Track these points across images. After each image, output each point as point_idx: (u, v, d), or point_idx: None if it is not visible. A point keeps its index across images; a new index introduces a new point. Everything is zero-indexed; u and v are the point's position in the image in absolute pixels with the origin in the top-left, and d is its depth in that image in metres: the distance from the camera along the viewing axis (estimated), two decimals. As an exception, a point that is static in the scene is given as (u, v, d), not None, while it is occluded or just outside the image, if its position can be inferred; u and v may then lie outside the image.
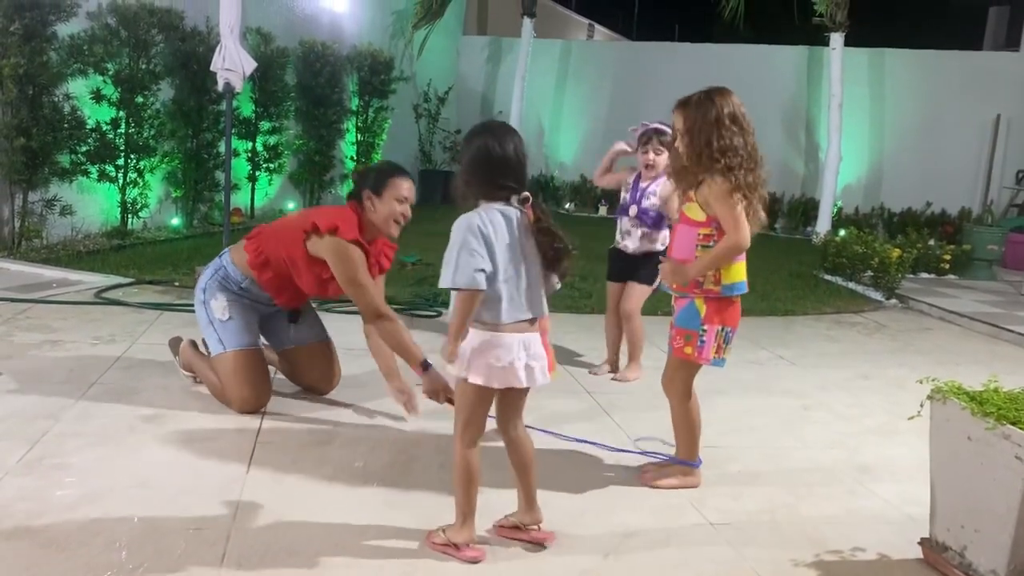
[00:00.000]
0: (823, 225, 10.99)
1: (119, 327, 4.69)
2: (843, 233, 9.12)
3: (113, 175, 7.41)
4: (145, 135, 7.61)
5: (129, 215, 7.64)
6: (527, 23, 12.37)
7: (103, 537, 2.40)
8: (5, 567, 2.22)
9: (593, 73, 13.91)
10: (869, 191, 12.49)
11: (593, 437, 3.49)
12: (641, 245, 4.35)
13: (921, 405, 2.57)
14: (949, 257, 8.80)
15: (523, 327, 2.40)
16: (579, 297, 6.25)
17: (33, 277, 5.80)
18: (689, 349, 2.94)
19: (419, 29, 12.24)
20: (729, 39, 14.62)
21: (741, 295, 2.97)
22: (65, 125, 6.82)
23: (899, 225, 11.42)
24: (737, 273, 2.93)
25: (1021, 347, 5.89)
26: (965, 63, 12.23)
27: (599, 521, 2.75)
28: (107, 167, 7.33)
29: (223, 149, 8.21)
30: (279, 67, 9.30)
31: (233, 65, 5.66)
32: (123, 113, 7.38)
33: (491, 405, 2.48)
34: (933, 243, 9.09)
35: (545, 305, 2.49)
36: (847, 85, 11.17)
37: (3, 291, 5.27)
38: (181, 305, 5.17)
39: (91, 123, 7.13)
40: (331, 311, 5.39)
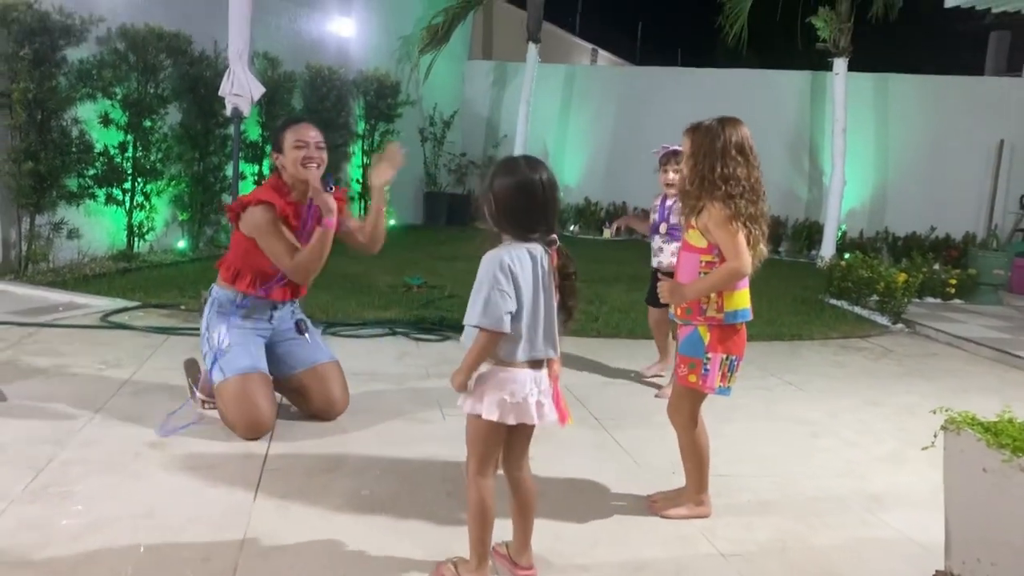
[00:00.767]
0: (827, 249, 10.99)
1: (126, 351, 4.68)
2: (848, 257, 9.11)
3: (120, 198, 7.44)
4: (152, 159, 7.66)
5: (136, 238, 7.67)
6: (532, 48, 12.45)
7: (108, 567, 2.38)
8: (11, 599, 2.21)
9: (597, 97, 13.98)
10: (873, 215, 12.51)
11: (600, 463, 3.46)
12: (672, 260, 4.42)
13: (935, 435, 2.54)
14: (955, 282, 8.78)
15: (536, 364, 2.38)
16: (585, 321, 6.24)
17: (39, 300, 5.80)
18: (693, 377, 2.92)
19: (425, 54, 12.33)
20: (732, 64, 14.72)
21: (746, 323, 2.95)
22: (73, 149, 6.86)
23: (903, 249, 11.42)
24: (740, 300, 2.91)
25: (1030, 373, 5.86)
26: (968, 88, 12.29)
27: (610, 552, 2.72)
28: (114, 190, 7.37)
29: (230, 172, 8.26)
30: (286, 91, 9.37)
31: (241, 90, 5.70)
32: (131, 137, 7.43)
33: (503, 439, 2.43)
34: (938, 267, 9.08)
35: (559, 346, 2.45)
36: (851, 110, 11.21)
37: (10, 315, 5.27)
38: (187, 329, 5.16)
39: (99, 147, 7.18)
40: (337, 335, 5.39)
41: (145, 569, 2.38)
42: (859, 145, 11.98)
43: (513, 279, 2.30)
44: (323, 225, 3.50)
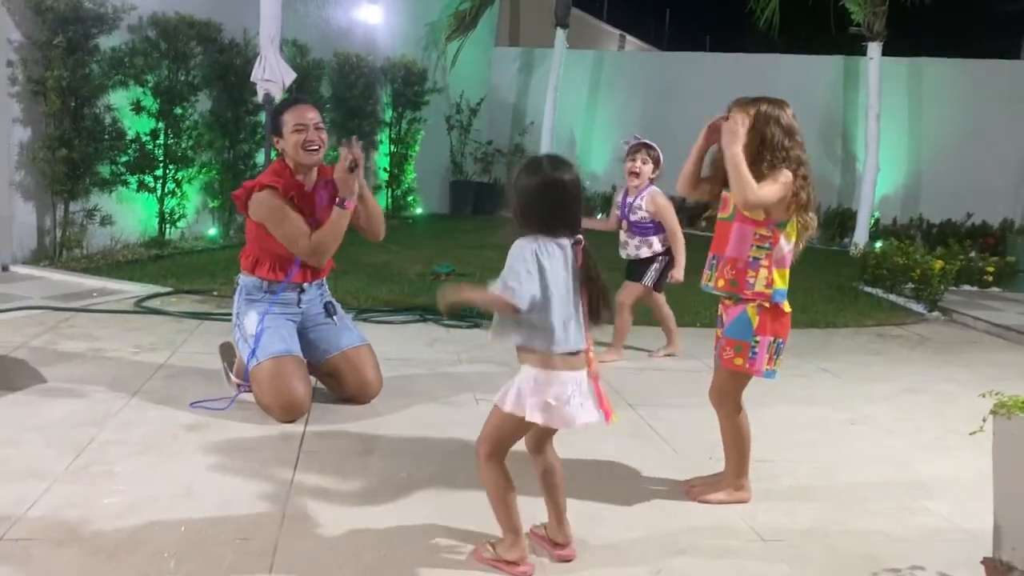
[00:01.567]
0: (860, 236, 10.84)
1: (159, 336, 4.71)
2: (879, 244, 8.98)
3: (152, 185, 7.50)
4: (183, 146, 7.70)
5: (167, 225, 7.72)
6: (560, 34, 12.36)
7: (151, 546, 2.39)
8: (58, 575, 2.22)
9: (625, 84, 13.87)
10: (907, 202, 12.31)
11: (636, 449, 3.44)
12: (638, 252, 4.87)
13: (984, 420, 2.48)
14: (992, 269, 8.62)
15: (573, 362, 2.34)
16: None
17: (74, 286, 5.87)
18: (740, 360, 2.87)
19: (452, 41, 12.29)
20: (762, 49, 14.53)
21: (785, 304, 2.89)
22: (106, 136, 6.92)
23: (938, 236, 11.23)
24: (787, 279, 2.87)
25: (1071, 361, 5.74)
26: (1005, 72, 12.05)
27: (649, 535, 2.70)
28: (146, 177, 7.42)
29: (259, 160, 8.30)
30: (315, 79, 9.37)
31: (273, 76, 5.70)
32: (162, 124, 7.47)
33: (526, 430, 2.41)
34: (974, 255, 8.92)
35: (588, 339, 2.41)
36: (884, 95, 11.03)
37: (46, 300, 5.33)
38: (220, 314, 5.19)
39: (131, 134, 7.22)
40: (368, 321, 5.39)
41: (186, 547, 2.39)
42: (893, 131, 11.78)
43: (540, 268, 2.27)
44: (342, 206, 3.49)
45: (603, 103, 13.99)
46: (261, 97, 5.92)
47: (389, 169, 11.31)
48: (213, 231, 8.36)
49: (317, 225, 3.57)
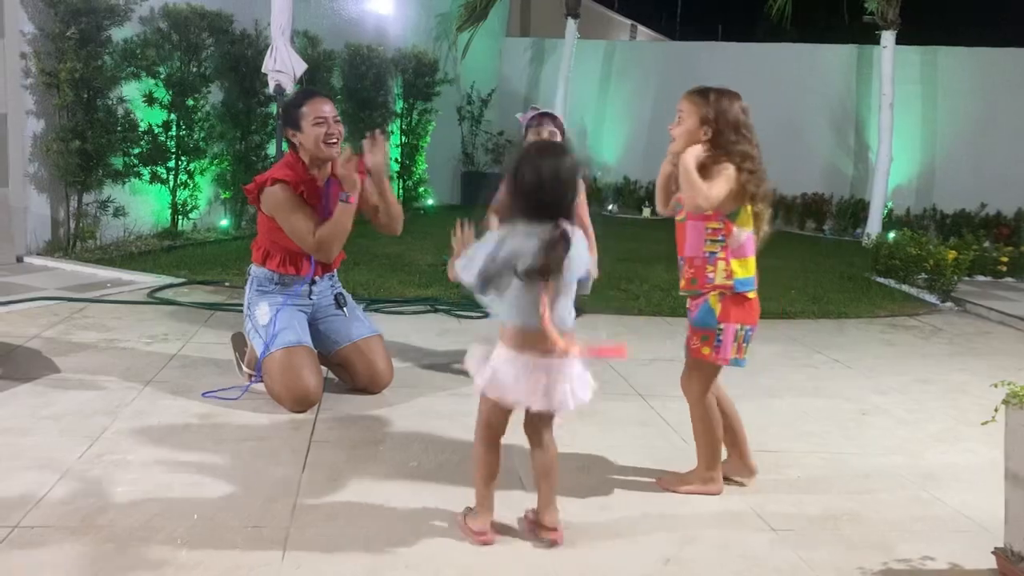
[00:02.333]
0: (874, 227, 10.76)
1: (172, 326, 4.74)
2: (893, 235, 8.92)
3: (164, 177, 7.52)
4: (195, 137, 7.72)
5: (179, 216, 7.75)
6: (571, 24, 12.31)
7: (164, 534, 2.41)
8: (71, 562, 2.25)
9: (637, 74, 13.80)
10: (921, 192, 12.22)
11: (646, 440, 3.44)
12: None
13: (996, 410, 2.47)
14: (1006, 259, 8.55)
15: (534, 339, 2.38)
16: (626, 299, 6.19)
17: (88, 277, 5.91)
18: (707, 349, 2.85)
19: (463, 31, 12.26)
20: (773, 38, 14.42)
21: (754, 293, 2.88)
22: (119, 128, 6.93)
23: (952, 227, 11.16)
24: (749, 268, 2.86)
25: (1086, 352, 5.70)
26: (1021, 61, 11.91)
27: (659, 525, 2.70)
28: (158, 169, 7.45)
29: (271, 151, 8.32)
30: (326, 70, 9.36)
31: (284, 67, 5.72)
32: (174, 116, 7.49)
33: (509, 414, 2.52)
34: (988, 245, 8.86)
35: (571, 321, 2.48)
36: (898, 84, 10.94)
37: (60, 291, 5.37)
38: (233, 305, 5.21)
39: (143, 126, 7.25)
40: (379, 311, 5.41)
41: (199, 535, 2.41)
42: (906, 120, 11.68)
43: (498, 255, 2.36)
44: (346, 201, 3.49)
45: (614, 93, 13.93)
46: (272, 88, 5.94)
47: (400, 160, 11.30)
48: (225, 222, 8.39)
49: (328, 219, 3.58)
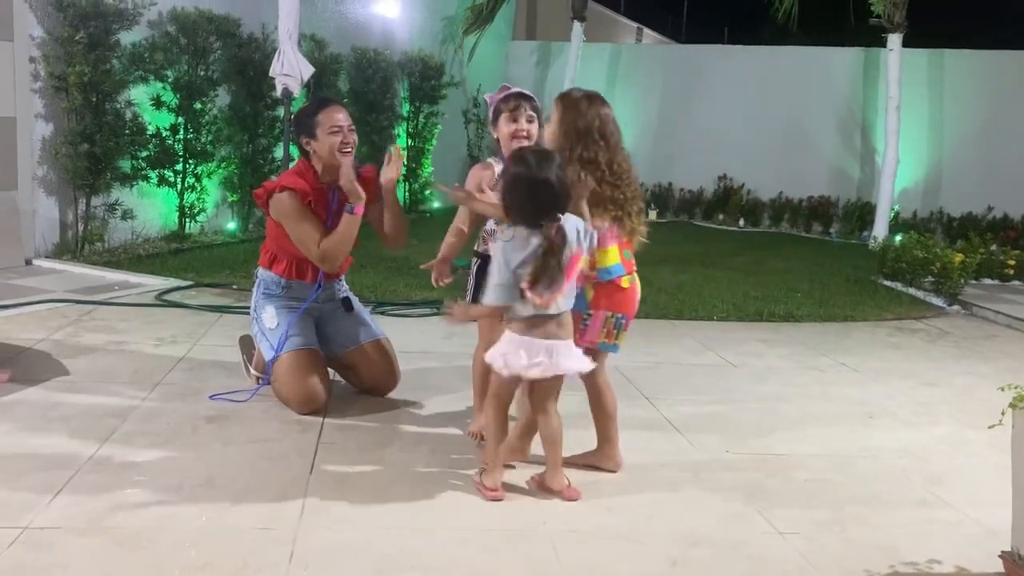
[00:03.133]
0: (880, 230, 10.74)
1: (180, 329, 4.76)
2: (899, 238, 8.91)
3: (172, 180, 7.56)
4: (203, 140, 7.75)
5: (187, 219, 7.78)
6: (576, 27, 12.33)
7: (172, 535, 2.43)
8: (81, 563, 2.26)
9: (643, 77, 13.80)
10: (927, 195, 12.20)
11: (652, 442, 3.45)
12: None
13: (1003, 413, 2.47)
14: (1013, 262, 8.52)
15: (536, 323, 2.70)
16: (633, 302, 6.18)
17: (96, 279, 5.94)
18: (576, 333, 2.93)
19: (469, 35, 12.28)
20: (780, 41, 14.41)
21: (622, 281, 2.98)
22: (127, 131, 6.97)
23: (959, 230, 11.12)
24: (611, 258, 2.96)
25: (1094, 355, 5.68)
26: (1027, 64, 11.90)
27: (665, 527, 2.71)
28: (166, 172, 7.48)
29: (278, 154, 8.35)
30: (332, 73, 9.40)
31: (291, 70, 5.73)
32: (182, 119, 7.53)
33: (515, 386, 2.83)
34: (995, 248, 8.83)
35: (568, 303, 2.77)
36: (905, 87, 10.92)
37: (69, 293, 5.40)
38: (240, 308, 5.23)
39: (151, 129, 7.28)
40: (386, 314, 5.42)
41: (207, 537, 2.43)
42: (913, 123, 11.67)
43: (508, 261, 2.66)
44: (351, 212, 3.48)
45: (620, 96, 13.89)
46: (280, 92, 5.96)
47: (407, 163, 11.33)
48: (232, 225, 8.42)
49: (335, 228, 3.57)
